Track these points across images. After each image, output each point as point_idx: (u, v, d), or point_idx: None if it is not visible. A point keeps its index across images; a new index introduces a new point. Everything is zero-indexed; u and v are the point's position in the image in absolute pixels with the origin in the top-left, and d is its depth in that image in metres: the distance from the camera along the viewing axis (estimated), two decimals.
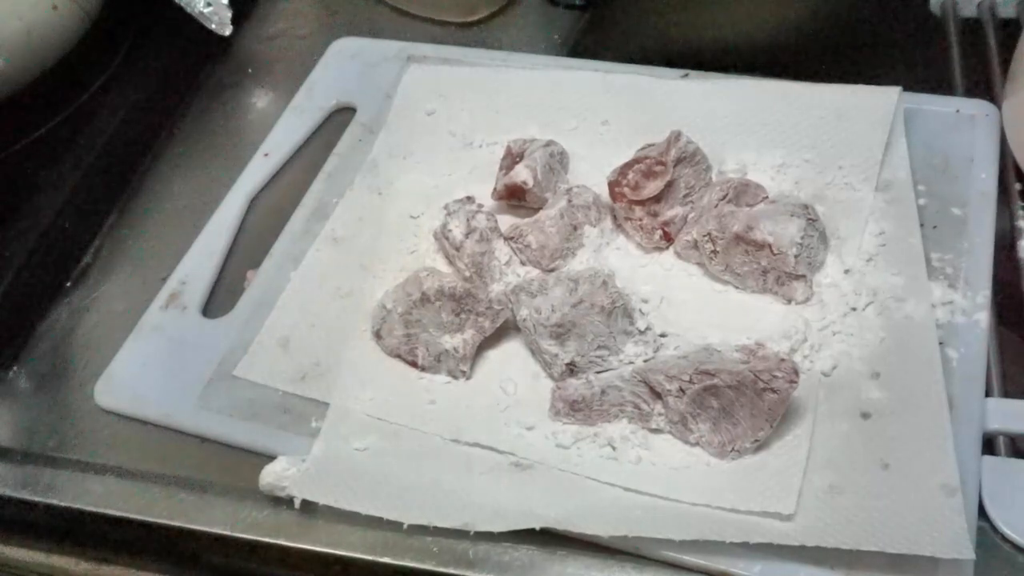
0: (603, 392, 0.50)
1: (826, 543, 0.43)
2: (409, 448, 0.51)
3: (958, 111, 0.62)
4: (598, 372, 0.52)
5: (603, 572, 0.47)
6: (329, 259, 0.60)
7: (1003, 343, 0.53)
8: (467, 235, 0.56)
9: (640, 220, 0.57)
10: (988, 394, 0.50)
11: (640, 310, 0.54)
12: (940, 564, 0.43)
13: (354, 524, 0.49)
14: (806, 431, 0.48)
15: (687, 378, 0.48)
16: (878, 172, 0.58)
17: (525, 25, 0.76)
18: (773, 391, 0.47)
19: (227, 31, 0.72)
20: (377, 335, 0.55)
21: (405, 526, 0.47)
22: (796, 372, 0.47)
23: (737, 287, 0.55)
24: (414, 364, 0.54)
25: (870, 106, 0.60)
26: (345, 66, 0.73)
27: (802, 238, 0.53)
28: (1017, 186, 0.59)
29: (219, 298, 0.60)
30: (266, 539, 0.50)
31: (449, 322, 0.53)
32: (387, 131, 0.67)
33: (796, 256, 0.53)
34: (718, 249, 0.54)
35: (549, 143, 0.61)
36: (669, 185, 0.57)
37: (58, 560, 0.54)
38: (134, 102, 0.69)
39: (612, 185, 0.57)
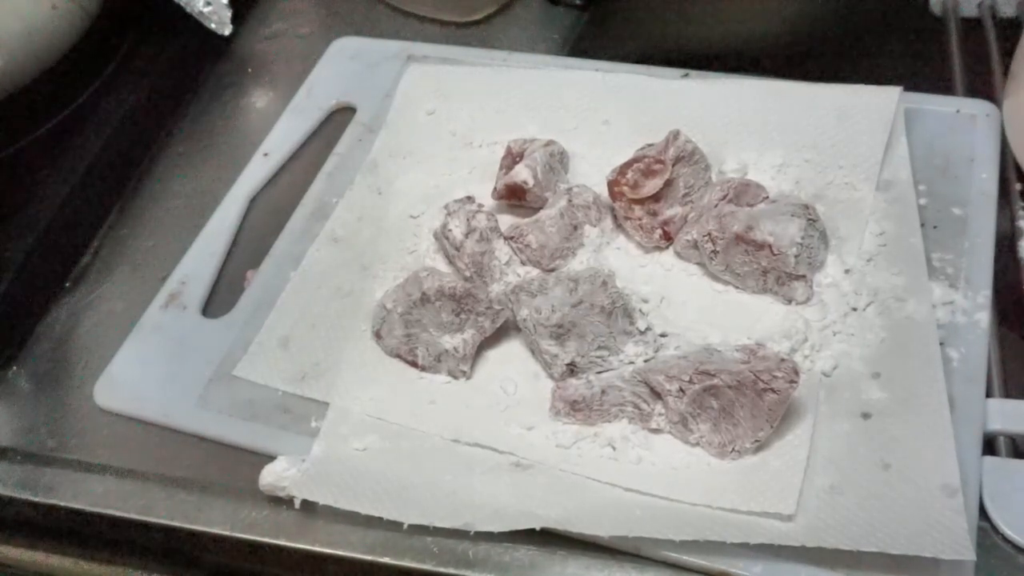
0: (603, 392, 0.50)
1: (826, 543, 0.43)
2: (409, 448, 0.51)
3: (958, 111, 0.62)
4: (598, 372, 0.52)
5: (603, 572, 0.47)
6: (329, 259, 0.60)
7: (1004, 343, 0.52)
8: (467, 235, 0.56)
9: (640, 219, 0.57)
10: (989, 394, 0.50)
11: (640, 310, 0.54)
12: (941, 565, 0.43)
13: (354, 524, 0.48)
14: (806, 431, 0.48)
15: (687, 378, 0.48)
16: (878, 172, 0.58)
17: (525, 25, 0.76)
18: (773, 391, 0.46)
19: (227, 31, 0.72)
20: (377, 335, 0.55)
21: (405, 526, 0.47)
22: (796, 372, 0.47)
23: (737, 287, 0.55)
24: (414, 364, 0.54)
25: (870, 106, 0.60)
26: (345, 66, 0.73)
27: (802, 238, 0.53)
28: (1018, 186, 0.59)
29: (219, 298, 0.60)
30: (266, 539, 0.50)
31: (449, 322, 0.53)
32: (387, 131, 0.67)
33: (796, 256, 0.52)
34: (718, 249, 0.54)
35: (549, 143, 0.61)
36: (668, 184, 0.57)
37: (58, 560, 0.54)
38: (134, 102, 0.69)
39: (611, 184, 0.57)
